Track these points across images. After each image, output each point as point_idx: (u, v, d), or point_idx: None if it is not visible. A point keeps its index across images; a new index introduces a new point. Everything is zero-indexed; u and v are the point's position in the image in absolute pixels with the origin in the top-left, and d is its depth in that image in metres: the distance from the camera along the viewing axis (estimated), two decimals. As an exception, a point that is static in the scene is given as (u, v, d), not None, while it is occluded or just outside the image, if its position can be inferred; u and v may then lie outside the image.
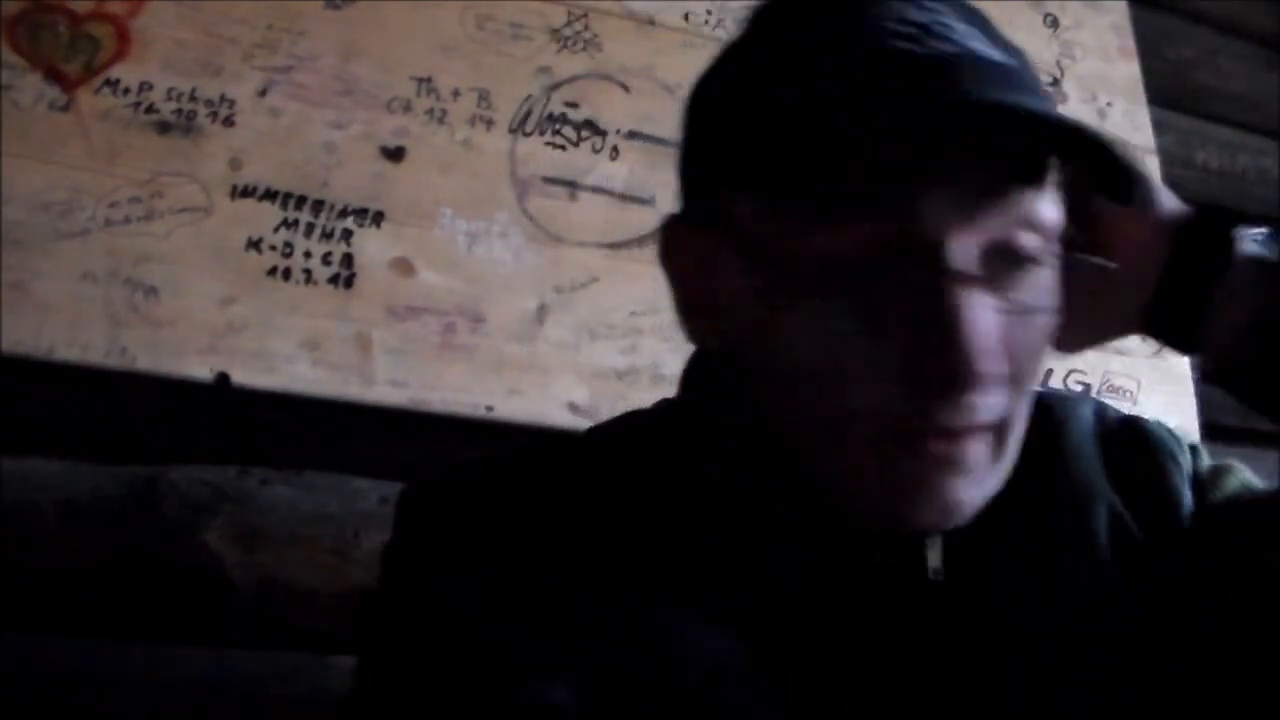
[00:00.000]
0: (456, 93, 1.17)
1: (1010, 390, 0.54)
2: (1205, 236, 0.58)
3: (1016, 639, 0.57)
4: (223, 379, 1.01)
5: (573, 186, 1.20)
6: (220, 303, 1.03)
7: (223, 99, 1.08)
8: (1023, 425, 0.56)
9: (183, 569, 0.95)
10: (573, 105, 1.22)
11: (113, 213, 1.02)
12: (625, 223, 1.20)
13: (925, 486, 0.53)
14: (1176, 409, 1.37)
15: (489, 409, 1.09)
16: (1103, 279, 0.58)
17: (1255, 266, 0.57)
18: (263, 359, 1.03)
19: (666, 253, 0.61)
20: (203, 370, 1.01)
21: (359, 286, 1.08)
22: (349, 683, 0.57)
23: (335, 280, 1.07)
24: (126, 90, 1.05)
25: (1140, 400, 1.37)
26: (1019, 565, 0.59)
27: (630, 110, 1.24)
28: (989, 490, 0.55)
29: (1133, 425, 0.67)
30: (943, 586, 0.57)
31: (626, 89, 1.25)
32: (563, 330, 1.14)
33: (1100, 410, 0.68)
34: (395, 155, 1.13)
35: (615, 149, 1.22)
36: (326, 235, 1.08)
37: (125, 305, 1.00)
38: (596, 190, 1.20)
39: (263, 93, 1.09)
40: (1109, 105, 1.51)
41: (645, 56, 1.26)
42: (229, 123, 1.08)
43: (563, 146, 1.20)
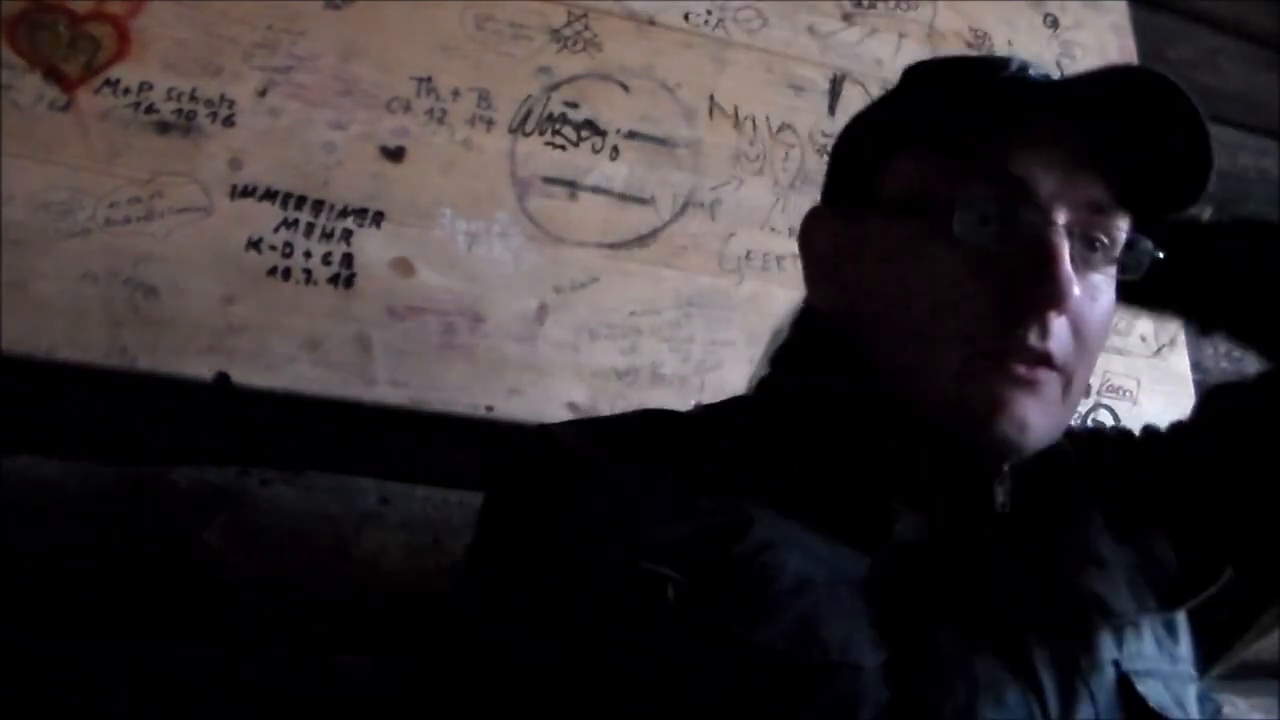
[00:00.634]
0: (456, 93, 1.17)
1: (1075, 345, 0.66)
2: None
3: (1069, 558, 0.70)
4: (223, 379, 1.01)
5: (573, 186, 1.20)
6: (220, 303, 1.03)
7: (223, 99, 1.08)
8: (1079, 394, 0.68)
9: (183, 568, 0.95)
10: (573, 105, 1.22)
11: (113, 213, 1.02)
12: (625, 223, 1.20)
13: (1007, 403, 0.64)
14: (1176, 409, 1.37)
15: (489, 409, 1.09)
16: None
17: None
18: (263, 359, 1.03)
19: (808, 235, 0.76)
20: (203, 370, 1.01)
21: (359, 286, 1.08)
22: (350, 682, 0.58)
23: (335, 280, 1.07)
24: (126, 90, 1.05)
25: (1140, 400, 1.37)
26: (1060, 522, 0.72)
27: (630, 110, 1.24)
28: (1053, 428, 0.67)
29: (1091, 432, 0.85)
30: (1009, 517, 0.69)
31: (626, 89, 1.25)
32: (563, 330, 1.14)
33: (1071, 432, 0.80)
34: (395, 155, 1.13)
35: (615, 149, 1.22)
36: (326, 235, 1.08)
37: (125, 305, 1.00)
38: (596, 190, 1.20)
39: (263, 93, 1.09)
40: (1109, 105, 1.50)
41: (645, 56, 1.26)
42: (229, 123, 1.08)
43: (563, 146, 1.20)
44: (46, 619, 0.91)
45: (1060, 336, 0.65)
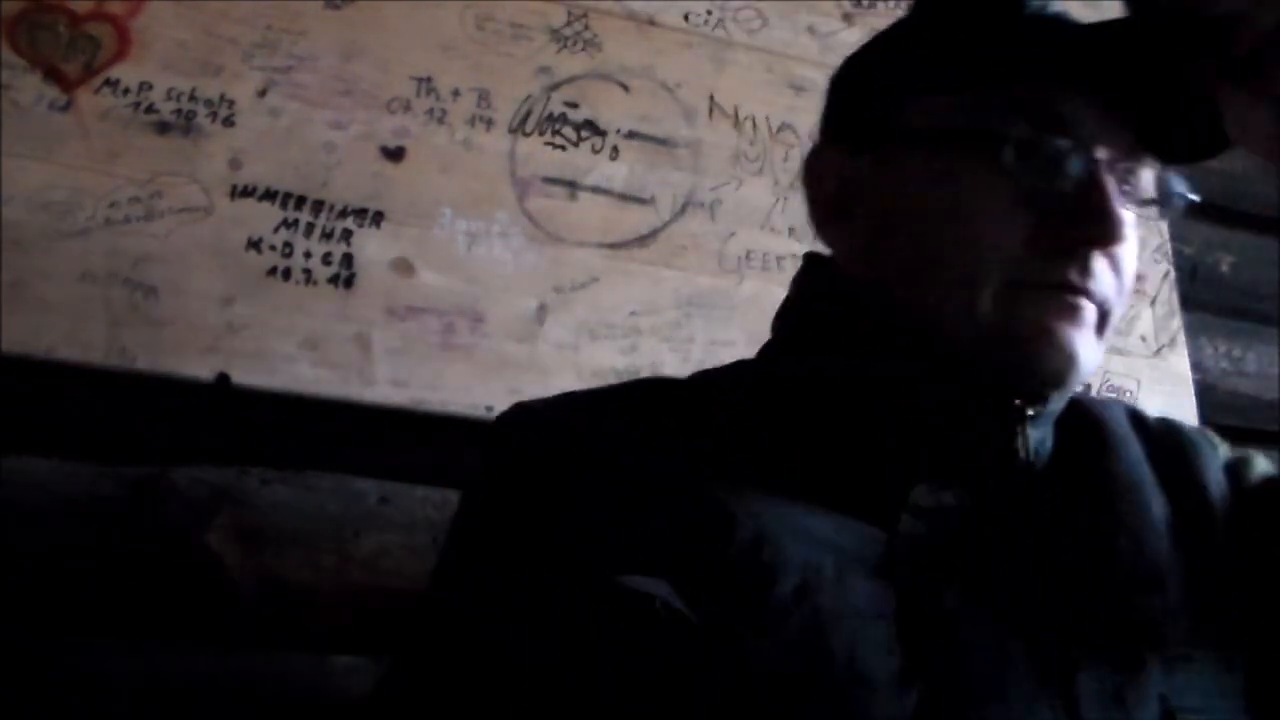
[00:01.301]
0: (456, 93, 1.17)
1: (1114, 282, 0.64)
2: None
3: (1120, 560, 0.65)
4: (223, 379, 1.01)
5: (573, 186, 1.20)
6: (220, 303, 1.03)
7: (222, 99, 1.08)
8: (1111, 334, 0.66)
9: (183, 569, 0.95)
10: (573, 105, 1.22)
11: (113, 213, 1.02)
12: (625, 223, 1.20)
13: (1055, 331, 0.62)
14: (1176, 409, 1.37)
15: (489, 409, 1.09)
16: None
17: None
18: (263, 359, 1.02)
19: (813, 174, 0.73)
20: (203, 370, 1.01)
21: (359, 286, 1.08)
22: (348, 683, 0.58)
23: (335, 280, 1.07)
24: (126, 90, 1.05)
25: (1140, 400, 1.37)
26: (1089, 499, 0.68)
27: (630, 110, 1.24)
28: (1093, 364, 0.64)
29: (1168, 425, 0.76)
30: (1032, 468, 0.65)
31: (626, 89, 1.25)
32: (563, 330, 1.14)
33: (1133, 411, 0.76)
34: (395, 155, 1.13)
35: (615, 149, 1.22)
36: (326, 235, 1.08)
37: (125, 305, 1.00)
38: (596, 190, 1.20)
39: (263, 93, 1.09)
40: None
41: (645, 56, 1.26)
42: (229, 123, 1.08)
43: (563, 146, 1.20)
44: (46, 619, 0.91)
45: (1100, 274, 0.63)
